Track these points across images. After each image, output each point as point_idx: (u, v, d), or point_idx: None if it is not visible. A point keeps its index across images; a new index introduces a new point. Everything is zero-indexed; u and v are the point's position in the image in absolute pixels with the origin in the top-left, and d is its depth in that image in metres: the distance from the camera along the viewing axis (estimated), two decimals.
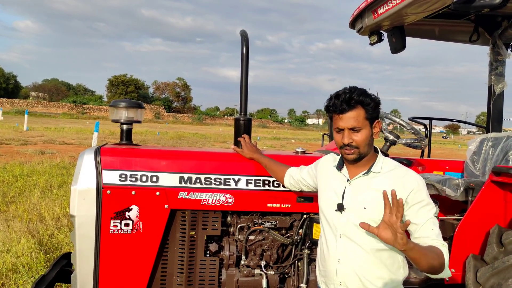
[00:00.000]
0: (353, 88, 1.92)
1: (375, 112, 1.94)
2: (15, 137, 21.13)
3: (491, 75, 4.05)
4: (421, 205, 1.87)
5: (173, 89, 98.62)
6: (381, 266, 1.91)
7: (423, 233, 1.84)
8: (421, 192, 1.89)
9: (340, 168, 2.08)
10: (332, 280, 2.02)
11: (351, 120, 1.89)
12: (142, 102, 2.95)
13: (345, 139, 1.91)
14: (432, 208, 1.89)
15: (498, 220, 2.98)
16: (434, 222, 1.86)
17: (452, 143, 54.47)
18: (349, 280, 1.96)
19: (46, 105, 72.81)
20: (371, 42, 3.75)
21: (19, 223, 6.17)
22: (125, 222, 2.48)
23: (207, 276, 2.66)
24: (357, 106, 1.89)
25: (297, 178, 2.43)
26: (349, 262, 1.95)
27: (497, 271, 2.64)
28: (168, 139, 28.89)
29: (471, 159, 3.93)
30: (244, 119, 2.90)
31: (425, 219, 1.85)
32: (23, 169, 10.99)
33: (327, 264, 2.05)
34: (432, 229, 1.83)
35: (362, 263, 1.93)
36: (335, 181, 2.07)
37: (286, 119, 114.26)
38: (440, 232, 1.88)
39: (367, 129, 1.92)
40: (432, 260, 1.74)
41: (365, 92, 1.92)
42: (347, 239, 1.97)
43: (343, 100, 1.88)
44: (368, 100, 1.90)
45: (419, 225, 1.86)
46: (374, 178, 1.97)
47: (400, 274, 1.96)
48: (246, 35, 2.86)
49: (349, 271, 1.95)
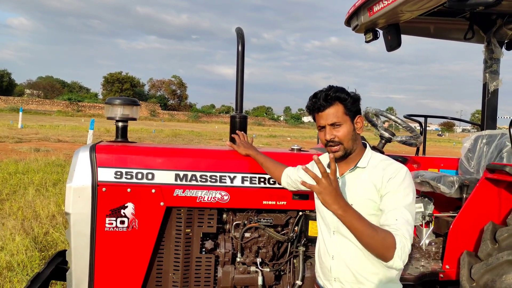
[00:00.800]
0: (329, 86, 1.98)
1: (354, 107, 1.97)
2: (9, 135, 21.02)
3: (486, 72, 4.07)
4: (392, 193, 1.85)
5: (168, 87, 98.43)
6: (375, 262, 1.91)
7: (385, 221, 1.80)
8: (397, 180, 1.86)
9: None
10: (327, 276, 2.05)
11: (330, 116, 1.94)
12: (138, 100, 2.94)
13: (327, 135, 1.95)
14: (404, 197, 1.83)
15: (492, 217, 3.00)
16: (402, 213, 1.78)
17: (447, 140, 54.71)
18: (343, 276, 1.98)
19: (41, 102, 72.43)
20: (366, 39, 3.76)
21: (13, 221, 6.14)
22: (120, 220, 2.48)
23: (202, 274, 2.66)
24: (335, 103, 1.93)
25: (294, 177, 2.44)
26: (342, 258, 1.98)
27: (491, 267, 2.66)
28: (164, 136, 28.84)
29: (465, 156, 3.95)
30: (240, 117, 2.90)
31: (391, 208, 1.81)
32: (17, 167, 10.94)
33: (322, 260, 2.08)
34: (396, 219, 1.77)
35: (355, 259, 1.95)
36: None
37: (282, 117, 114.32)
38: (409, 225, 1.78)
39: (348, 124, 1.95)
40: (371, 240, 1.70)
41: (341, 89, 1.96)
42: (340, 236, 1.99)
43: (320, 98, 1.93)
44: (344, 96, 1.94)
45: (384, 211, 1.84)
46: (361, 174, 1.99)
47: (394, 269, 1.93)
48: (241, 33, 2.86)
49: (343, 267, 1.98)
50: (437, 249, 3.39)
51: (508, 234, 2.74)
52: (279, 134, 44.69)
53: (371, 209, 1.91)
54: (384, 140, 3.27)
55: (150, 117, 73.29)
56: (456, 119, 5.14)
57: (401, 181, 1.86)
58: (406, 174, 1.91)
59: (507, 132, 3.39)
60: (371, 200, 1.92)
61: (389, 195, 1.86)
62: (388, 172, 1.91)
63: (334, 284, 2.01)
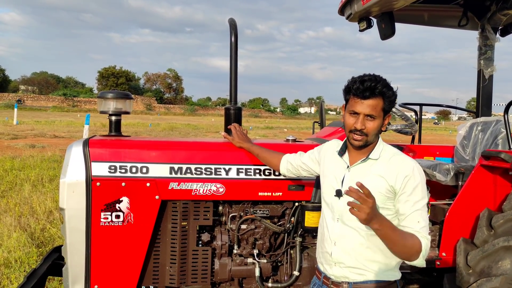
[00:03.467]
0: (378, 77, 1.94)
1: (391, 106, 1.99)
2: (5, 131, 20.93)
3: (480, 59, 4.06)
4: (410, 194, 1.90)
5: (164, 80, 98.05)
6: (376, 250, 1.96)
7: (408, 224, 1.90)
8: (414, 181, 1.92)
9: (341, 154, 2.11)
10: (328, 261, 2.08)
11: (370, 108, 1.92)
12: (130, 93, 2.91)
13: (358, 124, 1.94)
14: (422, 199, 1.92)
15: (488, 204, 3.01)
16: (421, 214, 1.89)
17: (443, 129, 54.85)
18: (343, 261, 2.02)
19: (36, 98, 72.05)
20: (360, 28, 3.73)
21: (10, 218, 6.13)
22: (115, 214, 2.46)
23: (199, 266, 2.66)
24: (379, 96, 1.92)
25: (296, 163, 2.42)
26: (344, 244, 2.01)
27: (487, 254, 2.67)
28: (160, 130, 28.79)
29: (461, 144, 3.95)
30: (234, 108, 2.88)
31: (412, 210, 1.89)
32: (13, 163, 10.90)
33: (324, 245, 2.11)
34: (418, 221, 1.88)
35: (357, 247, 1.99)
36: (336, 167, 2.11)
37: (278, 109, 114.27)
38: (427, 225, 1.91)
39: (380, 119, 1.96)
40: (403, 247, 1.83)
41: (389, 85, 1.95)
42: (344, 224, 2.02)
43: (368, 87, 1.90)
44: (390, 93, 1.94)
45: (405, 215, 1.91)
46: (373, 165, 2.00)
47: (395, 258, 1.98)
48: (234, 23, 2.83)
49: (344, 253, 2.01)
50: (433, 236, 3.39)
51: (504, 221, 2.75)
52: (275, 126, 44.67)
53: (379, 201, 1.91)
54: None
55: (146, 111, 73.04)
56: (451, 106, 5.14)
57: (418, 182, 1.92)
58: (421, 172, 1.97)
59: (502, 118, 3.39)
60: (380, 193, 1.93)
61: (407, 196, 1.91)
62: (403, 170, 1.93)
63: (334, 269, 2.04)
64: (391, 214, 1.96)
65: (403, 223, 1.91)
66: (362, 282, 1.99)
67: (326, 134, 3.15)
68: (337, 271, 2.03)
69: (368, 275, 1.98)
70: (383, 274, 1.99)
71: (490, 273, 2.59)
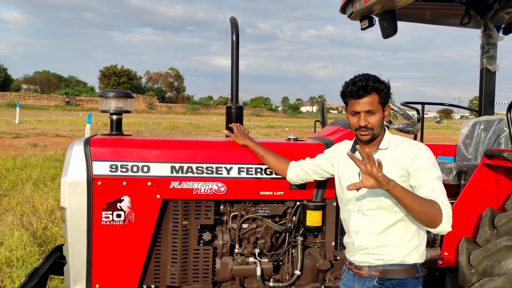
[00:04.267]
0: (367, 75, 2.09)
1: (387, 97, 2.12)
2: (7, 130, 20.96)
3: (483, 58, 4.04)
4: (422, 168, 2.00)
5: (166, 79, 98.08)
6: (394, 236, 2.08)
7: (424, 193, 1.93)
8: (423, 157, 2.03)
9: (354, 151, 2.23)
10: (351, 249, 2.22)
11: (367, 104, 2.06)
12: (132, 92, 2.91)
13: (362, 122, 2.08)
14: (434, 172, 1.99)
15: (490, 203, 2.99)
16: (436, 184, 1.94)
17: (445, 127, 54.76)
18: (364, 248, 2.14)
19: (38, 97, 72.18)
20: (362, 27, 3.72)
21: (12, 217, 6.13)
22: (117, 213, 2.46)
23: (201, 265, 2.66)
24: (372, 92, 2.05)
25: (307, 167, 2.48)
26: (365, 233, 2.13)
27: (490, 253, 2.66)
28: (162, 129, 28.80)
29: (463, 142, 3.94)
30: (236, 107, 2.88)
31: (426, 181, 1.96)
32: (15, 162, 10.92)
33: (347, 236, 2.26)
34: (433, 189, 1.92)
35: (376, 234, 2.10)
36: (352, 164, 2.17)
37: (280, 107, 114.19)
38: (445, 193, 1.93)
39: (380, 112, 2.10)
40: (422, 207, 1.83)
41: (379, 79, 2.09)
42: (364, 214, 2.14)
43: (360, 87, 2.04)
44: (382, 87, 2.07)
45: (420, 186, 1.97)
46: (384, 155, 2.10)
47: (414, 242, 2.11)
48: (236, 22, 2.83)
49: (364, 242, 2.13)
50: (435, 236, 3.38)
51: (506, 220, 2.73)
52: (277, 125, 44.64)
53: None
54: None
55: (148, 110, 73.08)
56: (453, 105, 5.12)
57: (428, 157, 2.04)
58: (429, 151, 2.08)
59: (504, 117, 3.37)
60: (395, 179, 1.96)
61: (420, 171, 2.00)
62: (411, 150, 2.06)
63: (357, 255, 2.17)
64: None
65: (418, 193, 1.96)
66: (381, 265, 2.10)
67: (327, 133, 3.14)
68: (359, 257, 2.16)
69: (388, 259, 2.09)
70: (402, 258, 2.09)
71: (493, 273, 2.58)
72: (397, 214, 2.06)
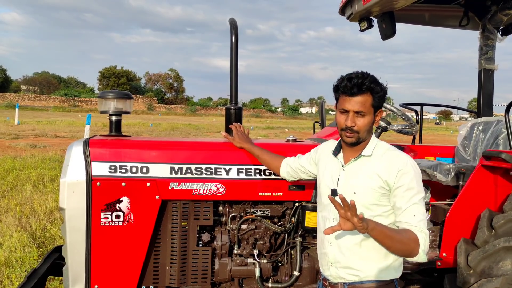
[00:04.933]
0: (365, 73, 1.94)
1: (381, 101, 1.97)
2: (6, 131, 20.94)
3: (481, 59, 4.05)
4: (405, 188, 1.88)
5: (165, 80, 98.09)
6: (371, 249, 1.95)
7: (404, 218, 1.87)
8: (408, 174, 1.89)
9: (336, 153, 2.11)
10: (325, 261, 2.08)
11: (358, 104, 1.91)
12: (131, 93, 2.91)
13: (349, 122, 1.93)
14: (418, 193, 1.89)
15: (488, 204, 3.00)
16: (418, 209, 1.86)
17: (445, 129, 54.81)
18: (339, 261, 2.00)
19: (37, 98, 72.11)
20: (361, 28, 3.73)
21: (11, 217, 6.13)
22: (116, 214, 2.46)
23: (200, 266, 2.66)
24: (367, 92, 1.91)
25: (295, 166, 2.42)
26: (339, 244, 2.00)
27: (488, 254, 2.67)
28: (161, 130, 28.79)
29: (462, 144, 3.95)
30: (235, 108, 2.88)
31: (408, 204, 1.86)
32: (14, 163, 10.91)
33: (321, 246, 2.11)
34: (414, 215, 1.84)
35: (352, 246, 1.97)
36: (332, 167, 2.11)
37: (279, 109, 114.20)
38: (425, 219, 1.87)
39: (371, 116, 1.95)
40: (400, 244, 1.79)
41: (377, 80, 1.95)
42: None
43: (355, 84, 1.90)
44: (378, 89, 1.93)
45: (401, 209, 1.88)
46: (366, 163, 1.99)
47: (391, 256, 1.97)
48: (235, 23, 2.83)
49: (339, 253, 2.00)
50: (434, 237, 3.39)
51: (504, 221, 2.74)
52: (276, 126, 44.65)
53: (373, 199, 1.92)
54: (380, 129, 3.25)
55: (147, 111, 73.04)
56: (452, 107, 5.13)
57: (413, 176, 1.90)
58: (415, 166, 1.94)
59: (503, 119, 3.38)
60: (374, 190, 1.93)
61: (402, 190, 1.88)
62: (396, 164, 1.91)
63: (331, 269, 2.04)
64: (386, 211, 1.95)
65: (399, 218, 1.89)
66: (357, 282, 1.98)
67: (326, 134, 3.15)
68: (334, 271, 2.03)
69: (363, 275, 1.97)
70: (379, 273, 1.97)
71: (491, 274, 2.59)
72: None
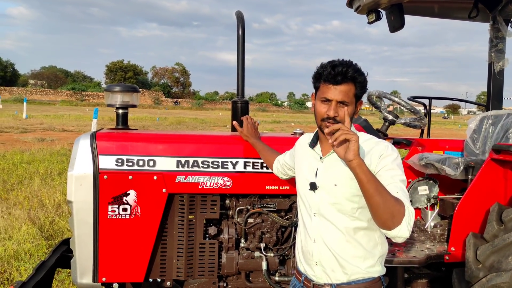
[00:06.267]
0: (348, 61, 1.87)
1: (362, 92, 1.90)
2: (14, 125, 21.11)
3: (491, 52, 3.99)
4: (386, 169, 1.78)
5: (172, 75, 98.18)
6: (356, 245, 1.87)
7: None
8: (389, 157, 1.81)
9: (313, 145, 2.01)
10: (308, 261, 1.98)
11: (342, 94, 1.83)
12: (137, 86, 2.91)
13: (331, 112, 1.84)
14: (399, 174, 1.77)
15: (498, 198, 2.97)
16: (400, 187, 1.72)
17: (453, 123, 54.42)
18: (324, 260, 1.92)
19: (45, 92, 72.54)
20: (369, 21, 3.69)
21: (20, 211, 6.19)
22: (123, 207, 2.47)
23: (206, 259, 2.66)
24: (350, 82, 1.84)
25: (282, 163, 2.38)
26: (324, 241, 1.91)
27: (497, 248, 2.64)
28: (168, 124, 28.87)
29: (471, 137, 3.90)
30: (242, 102, 2.87)
31: (391, 181, 1.74)
32: (23, 157, 11.00)
33: (304, 244, 2.01)
34: (397, 192, 1.69)
35: (337, 242, 1.89)
36: (309, 160, 2.01)
37: (285, 103, 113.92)
38: (408, 198, 1.72)
39: (352, 106, 1.88)
40: (382, 199, 1.61)
41: (360, 70, 1.88)
42: (322, 218, 1.92)
43: (339, 72, 1.82)
44: (361, 78, 1.86)
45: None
46: None
47: (377, 251, 1.91)
48: (241, 16, 2.82)
49: (324, 250, 1.91)
50: (442, 231, 3.37)
51: None
52: (283, 120, 44.59)
53: (355, 189, 1.81)
54: (388, 123, 3.24)
55: (154, 105, 73.22)
56: (461, 100, 5.09)
57: (394, 158, 1.81)
58: (396, 151, 1.86)
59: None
60: (355, 180, 1.77)
61: (384, 171, 1.78)
62: (376, 150, 1.83)
63: (315, 269, 1.94)
64: None
65: None
66: (346, 283, 1.88)
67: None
68: (319, 271, 1.93)
69: (352, 274, 1.88)
70: (366, 271, 1.88)
71: (500, 268, 2.57)
72: (357, 221, 1.86)
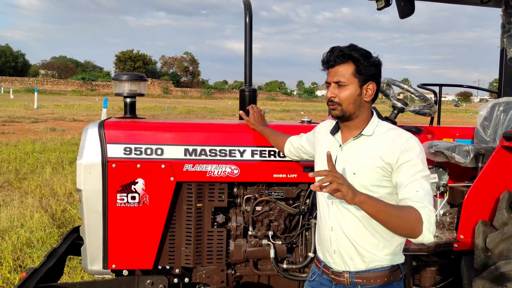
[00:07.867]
0: (350, 44, 1.87)
1: (368, 71, 1.84)
2: (26, 115, 21.32)
3: (504, 37, 3.91)
4: (408, 165, 1.75)
5: (181, 64, 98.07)
6: (374, 233, 1.85)
7: (406, 195, 1.71)
8: (411, 151, 1.77)
9: (334, 133, 2.00)
10: (327, 248, 1.97)
11: (337, 74, 1.84)
12: (145, 75, 2.91)
13: (329, 93, 1.87)
14: (422, 170, 1.75)
15: (508, 186, 2.94)
16: (421, 184, 1.71)
17: (464, 111, 53.80)
18: (342, 248, 1.91)
19: (56, 82, 72.97)
20: (378, 7, 3.64)
21: (32, 199, 6.28)
22: (131, 195, 2.49)
23: (215, 247, 2.68)
24: (348, 61, 1.83)
25: (296, 145, 2.37)
26: (341, 229, 1.90)
27: (507, 236, 2.62)
28: (177, 113, 28.93)
29: (481, 125, 3.85)
30: (249, 90, 2.86)
31: (411, 180, 1.72)
32: (34, 146, 11.13)
33: (322, 232, 2.01)
34: (417, 191, 1.68)
35: (354, 230, 1.88)
36: (329, 147, 1.98)
37: (295, 91, 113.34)
38: (430, 195, 1.71)
39: (354, 87, 1.84)
40: (398, 220, 1.62)
41: (359, 49, 1.85)
42: (339, 206, 1.91)
43: (333, 54, 1.85)
44: (357, 56, 1.82)
45: (403, 185, 1.74)
46: (366, 142, 1.88)
47: (395, 240, 1.88)
48: (249, 4, 2.79)
49: (342, 238, 1.90)
50: (451, 219, 3.34)
51: None
52: (292, 109, 44.41)
53: (374, 179, 1.82)
54: (397, 110, 3.20)
55: (163, 94, 73.36)
56: (472, 87, 5.01)
57: (418, 153, 1.77)
58: (419, 145, 1.81)
59: None
60: (374, 170, 1.82)
61: (406, 166, 1.75)
62: (399, 143, 1.79)
63: (334, 256, 1.94)
64: (388, 193, 1.83)
65: (400, 195, 1.74)
66: (364, 270, 1.88)
67: None
68: (338, 259, 1.93)
69: (370, 262, 1.87)
70: (385, 259, 1.87)
71: (509, 256, 2.55)
72: None
